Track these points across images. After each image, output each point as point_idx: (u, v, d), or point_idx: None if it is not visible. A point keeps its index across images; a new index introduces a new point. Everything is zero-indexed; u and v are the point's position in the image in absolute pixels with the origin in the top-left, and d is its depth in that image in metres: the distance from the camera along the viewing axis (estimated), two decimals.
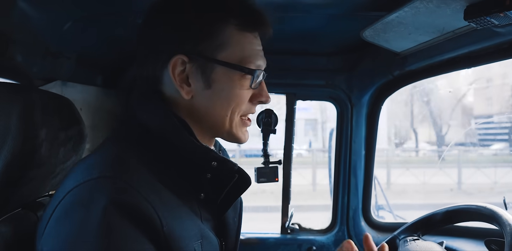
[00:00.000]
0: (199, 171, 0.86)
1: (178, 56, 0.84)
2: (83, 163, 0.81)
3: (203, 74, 0.86)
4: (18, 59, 1.06)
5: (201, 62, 0.85)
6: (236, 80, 0.87)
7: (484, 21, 0.97)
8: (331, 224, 1.94)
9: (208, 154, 0.86)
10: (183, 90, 0.86)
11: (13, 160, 0.83)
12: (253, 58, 0.88)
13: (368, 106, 1.81)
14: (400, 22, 1.19)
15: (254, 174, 1.75)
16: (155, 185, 0.78)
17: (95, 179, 0.74)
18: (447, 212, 1.28)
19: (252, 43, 0.89)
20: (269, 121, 1.69)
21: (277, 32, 1.48)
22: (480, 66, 1.38)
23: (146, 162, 0.81)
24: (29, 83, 1.15)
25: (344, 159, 1.87)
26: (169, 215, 0.76)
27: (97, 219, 0.69)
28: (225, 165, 0.87)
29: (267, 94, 0.94)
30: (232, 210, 0.99)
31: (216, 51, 0.85)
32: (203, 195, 0.87)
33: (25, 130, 0.84)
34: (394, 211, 2.80)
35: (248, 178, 0.90)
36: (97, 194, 0.72)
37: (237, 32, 0.87)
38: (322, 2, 1.16)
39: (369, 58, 1.69)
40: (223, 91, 0.87)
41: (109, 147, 0.84)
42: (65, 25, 1.17)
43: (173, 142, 0.84)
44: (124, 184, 0.74)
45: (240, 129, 0.93)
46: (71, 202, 0.73)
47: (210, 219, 0.91)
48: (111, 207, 0.70)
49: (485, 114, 14.69)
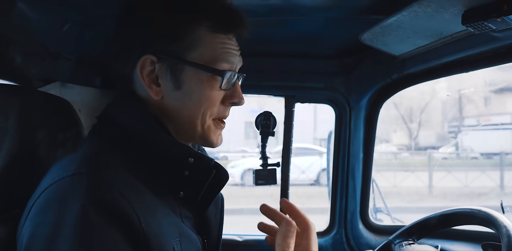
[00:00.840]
0: (176, 168, 0.85)
1: (146, 56, 0.85)
2: (61, 161, 0.80)
3: (172, 75, 0.85)
4: (17, 60, 1.06)
5: (170, 63, 0.85)
6: (206, 81, 0.86)
7: (481, 26, 0.97)
8: (329, 227, 1.93)
9: (185, 150, 0.85)
10: (152, 91, 0.86)
11: (11, 161, 0.83)
12: (225, 59, 0.87)
13: (367, 109, 1.81)
14: (398, 25, 1.19)
15: (252, 176, 1.75)
16: (133, 183, 0.78)
17: (69, 176, 0.73)
18: (442, 216, 1.28)
19: (225, 44, 0.88)
20: (267, 123, 1.69)
21: (276, 35, 1.50)
22: (477, 70, 1.39)
23: (124, 160, 0.81)
24: (28, 84, 1.15)
25: (343, 161, 1.87)
26: (147, 212, 0.76)
27: (72, 217, 0.69)
28: (202, 161, 0.86)
29: (241, 95, 0.92)
30: (213, 207, 0.98)
31: (186, 52, 0.85)
32: (182, 193, 0.86)
33: (23, 131, 0.85)
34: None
35: (225, 173, 0.90)
36: (71, 192, 0.72)
37: (209, 33, 0.86)
38: (321, 5, 1.16)
39: (367, 61, 1.69)
40: (193, 92, 0.86)
41: (87, 145, 0.84)
42: (64, 26, 1.17)
43: (149, 140, 0.84)
44: (99, 180, 0.73)
45: (213, 132, 0.91)
46: (46, 200, 0.73)
47: (191, 217, 0.90)
48: (86, 204, 0.70)
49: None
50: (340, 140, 1.86)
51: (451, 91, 13.66)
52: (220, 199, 1.04)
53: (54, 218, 0.70)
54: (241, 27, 0.91)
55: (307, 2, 1.13)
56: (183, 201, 0.87)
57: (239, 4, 1.11)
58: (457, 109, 14.71)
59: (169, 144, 0.85)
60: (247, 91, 1.79)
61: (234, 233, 1.93)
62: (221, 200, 1.05)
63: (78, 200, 0.70)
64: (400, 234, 1.34)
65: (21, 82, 1.14)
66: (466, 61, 1.37)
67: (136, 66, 0.86)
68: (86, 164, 0.76)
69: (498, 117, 13.57)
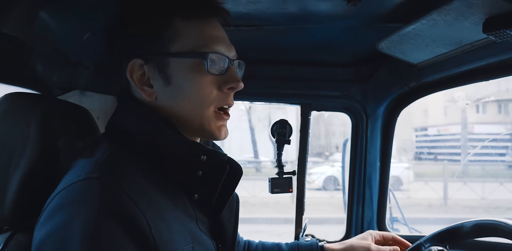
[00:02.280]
0: (189, 169, 0.84)
1: (133, 61, 0.86)
2: (75, 165, 0.81)
3: (160, 72, 0.85)
4: (39, 69, 1.08)
5: (156, 61, 0.85)
6: (191, 69, 0.84)
7: (503, 34, 0.96)
8: (345, 236, 1.91)
9: (196, 148, 0.84)
10: (145, 92, 0.86)
11: (32, 169, 0.84)
12: (208, 43, 0.85)
13: (384, 117, 1.79)
14: (417, 34, 1.18)
15: (268, 184, 1.74)
16: (145, 187, 0.77)
17: (81, 180, 0.73)
18: (476, 225, 1.26)
19: (205, 29, 0.86)
20: (283, 131, 1.68)
21: (293, 43, 1.50)
22: (498, 78, 1.37)
23: (136, 164, 0.80)
24: (49, 92, 1.17)
25: (359, 170, 1.85)
26: (158, 219, 0.75)
27: (82, 222, 0.68)
28: (215, 157, 0.85)
29: (236, 78, 0.87)
30: (228, 210, 0.96)
31: (167, 47, 0.84)
32: (197, 196, 0.85)
33: (44, 139, 0.86)
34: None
35: (239, 167, 0.88)
36: (82, 196, 0.71)
37: (185, 23, 0.85)
38: (338, 14, 1.16)
39: (384, 69, 1.68)
40: (183, 83, 0.85)
41: (101, 148, 0.83)
42: (84, 35, 1.19)
43: (158, 142, 0.83)
44: (110, 185, 0.73)
45: (214, 124, 0.87)
46: (57, 204, 0.73)
47: (206, 221, 0.89)
48: (96, 210, 0.69)
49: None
50: (356, 149, 1.84)
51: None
52: (235, 201, 1.02)
53: (64, 222, 0.70)
54: (214, 8, 0.88)
55: (324, 11, 1.13)
56: (198, 203, 0.87)
57: (256, 13, 1.12)
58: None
59: (178, 143, 0.83)
60: (263, 99, 1.80)
61: None
62: (236, 203, 1.03)
63: (89, 205, 0.70)
64: (432, 238, 1.32)
65: (43, 90, 1.16)
66: (487, 69, 1.34)
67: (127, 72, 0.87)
68: (98, 169, 0.75)
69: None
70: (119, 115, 0.90)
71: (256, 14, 1.13)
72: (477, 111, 15.61)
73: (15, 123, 0.85)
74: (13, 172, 0.84)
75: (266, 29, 1.28)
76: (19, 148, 0.84)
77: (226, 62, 0.87)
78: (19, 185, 0.84)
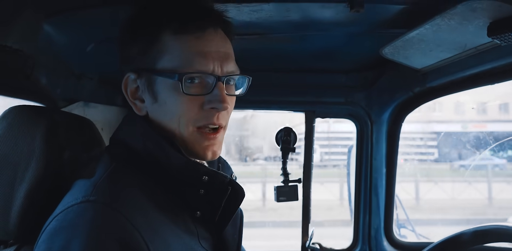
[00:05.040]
0: (191, 188, 0.82)
1: (128, 74, 0.85)
2: (74, 186, 0.79)
3: (149, 88, 0.84)
4: (43, 81, 1.08)
5: (146, 76, 0.84)
6: (172, 88, 0.82)
7: (509, 37, 0.95)
8: (352, 244, 1.89)
9: (197, 169, 0.82)
10: (136, 107, 0.86)
11: (37, 183, 0.83)
12: (191, 62, 0.81)
13: (388, 123, 1.78)
14: (420, 39, 1.18)
15: (274, 193, 1.73)
16: (144, 207, 0.76)
17: (78, 204, 0.72)
18: (476, 232, 1.24)
19: (192, 45, 0.82)
20: (288, 139, 1.68)
21: (296, 50, 1.50)
22: (504, 82, 1.36)
23: (137, 181, 0.79)
24: (53, 104, 1.17)
25: (365, 177, 1.83)
26: (157, 238, 0.74)
27: (77, 247, 0.67)
28: (216, 178, 0.83)
29: (220, 99, 0.82)
30: (231, 226, 0.94)
31: (155, 62, 0.83)
32: (199, 213, 0.84)
33: (49, 152, 0.85)
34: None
35: (241, 189, 0.86)
36: (78, 220, 0.71)
37: (173, 38, 0.82)
38: (341, 21, 1.15)
39: (388, 75, 1.68)
40: (166, 101, 0.83)
41: (101, 166, 0.82)
42: (87, 47, 1.19)
43: (161, 160, 0.82)
44: (106, 208, 0.72)
45: (197, 144, 0.85)
46: (54, 227, 0.72)
47: (209, 237, 0.88)
48: (92, 233, 0.69)
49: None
50: (362, 155, 1.83)
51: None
52: (239, 218, 0.99)
53: (61, 246, 0.69)
54: (208, 21, 0.84)
55: (327, 18, 1.13)
56: (200, 221, 0.85)
57: (259, 21, 1.12)
58: None
59: (180, 162, 0.82)
60: (267, 107, 1.79)
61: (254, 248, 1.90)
62: (241, 219, 1.00)
63: (85, 229, 0.69)
64: (432, 249, 1.30)
65: (47, 102, 1.16)
66: (491, 73, 1.34)
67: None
68: (95, 191, 0.74)
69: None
70: (123, 129, 0.89)
71: (259, 22, 1.13)
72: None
73: (20, 136, 0.85)
74: (18, 185, 0.84)
75: (269, 37, 1.28)
76: (24, 161, 0.84)
77: (211, 80, 0.83)
78: (24, 198, 0.83)
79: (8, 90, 1.01)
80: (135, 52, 0.85)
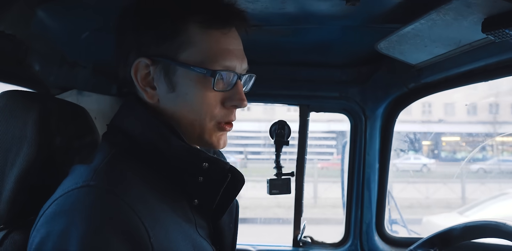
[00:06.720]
0: (190, 175, 0.82)
1: (140, 59, 0.83)
2: (74, 171, 0.79)
3: (166, 77, 0.83)
4: (36, 68, 1.08)
5: (164, 64, 0.83)
6: (198, 82, 0.82)
7: (503, 33, 0.96)
8: (344, 238, 1.90)
9: (198, 155, 0.83)
10: (147, 94, 0.84)
11: (28, 168, 0.83)
12: (218, 58, 0.82)
13: (383, 118, 1.79)
14: (416, 34, 1.18)
15: (266, 185, 1.74)
16: (144, 193, 0.76)
17: (78, 188, 0.72)
18: (466, 228, 1.25)
19: (219, 41, 0.83)
20: (282, 132, 1.68)
21: (291, 43, 1.50)
22: (497, 79, 1.37)
23: (136, 169, 0.79)
24: (46, 91, 1.17)
25: (358, 172, 1.84)
26: (158, 226, 0.74)
27: (79, 231, 0.67)
28: (217, 165, 0.83)
29: (242, 97, 0.85)
30: (227, 216, 0.95)
31: (177, 52, 0.82)
32: (197, 201, 0.84)
33: (41, 137, 0.85)
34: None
35: (241, 176, 0.86)
36: (78, 205, 0.70)
37: (200, 31, 0.82)
38: (337, 14, 1.16)
39: (383, 70, 1.68)
40: (187, 94, 0.83)
41: (100, 153, 0.81)
42: (82, 34, 1.19)
43: (160, 147, 0.82)
44: (107, 193, 0.71)
45: (214, 135, 0.86)
46: (54, 211, 0.71)
47: (205, 226, 0.88)
48: (92, 218, 0.68)
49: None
50: (355, 150, 1.84)
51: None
52: (234, 207, 1.00)
53: (61, 231, 0.69)
54: (235, 19, 0.84)
55: (323, 11, 1.13)
56: (198, 209, 0.85)
57: (255, 13, 1.12)
58: None
59: (180, 149, 0.82)
60: (261, 100, 1.79)
61: (247, 243, 1.91)
62: (236, 208, 1.01)
63: (86, 214, 0.69)
64: (422, 244, 1.31)
65: (40, 89, 1.15)
66: (485, 70, 1.34)
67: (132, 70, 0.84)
68: (95, 176, 0.74)
69: None
70: (121, 115, 0.88)
71: (255, 14, 1.12)
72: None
73: (12, 121, 0.84)
74: (9, 170, 0.84)
75: (264, 30, 1.27)
76: (16, 146, 0.83)
77: (234, 78, 0.84)
78: (15, 183, 0.83)
79: (1, 75, 1.00)
80: (149, 39, 0.83)
